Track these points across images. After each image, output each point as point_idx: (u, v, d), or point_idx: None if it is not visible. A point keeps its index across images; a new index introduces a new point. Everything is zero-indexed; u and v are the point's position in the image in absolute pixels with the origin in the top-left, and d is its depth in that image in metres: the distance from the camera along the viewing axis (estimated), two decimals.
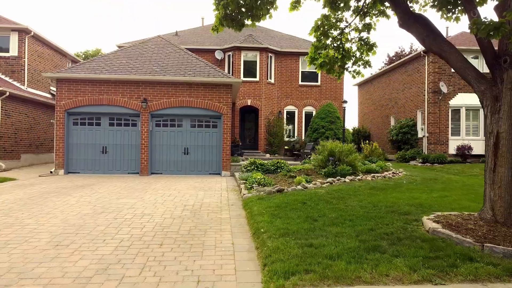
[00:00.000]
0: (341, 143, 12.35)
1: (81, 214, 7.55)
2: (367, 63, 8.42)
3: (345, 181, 10.62)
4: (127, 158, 15.09)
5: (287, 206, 7.67)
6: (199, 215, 7.62)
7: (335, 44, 8.36)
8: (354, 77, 8.66)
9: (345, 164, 11.62)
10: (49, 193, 9.99)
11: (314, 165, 12.74)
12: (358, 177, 11.17)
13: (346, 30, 8.26)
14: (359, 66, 8.48)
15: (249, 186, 9.94)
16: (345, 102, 18.94)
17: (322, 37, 8.13)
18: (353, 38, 8.32)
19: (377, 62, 55.52)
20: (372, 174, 11.65)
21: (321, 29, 8.00)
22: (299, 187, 9.59)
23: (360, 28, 8.17)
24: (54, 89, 17.21)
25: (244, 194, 9.29)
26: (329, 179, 10.58)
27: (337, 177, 10.84)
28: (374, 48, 8.11)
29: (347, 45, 8.38)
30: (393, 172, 12.63)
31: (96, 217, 7.26)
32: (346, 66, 8.53)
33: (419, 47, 36.69)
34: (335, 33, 8.26)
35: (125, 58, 15.88)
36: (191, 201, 9.13)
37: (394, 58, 40.34)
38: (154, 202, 8.93)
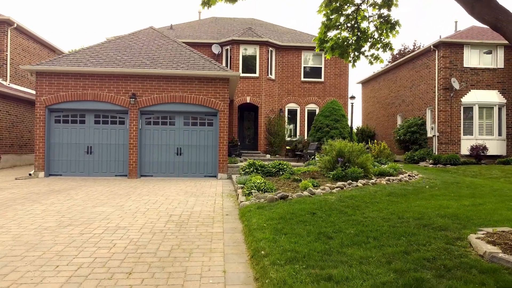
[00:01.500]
0: (351, 143, 10.94)
1: (42, 227, 6.13)
2: (387, 46, 7.03)
3: (357, 186, 9.21)
4: (114, 159, 13.67)
5: (293, 217, 6.26)
6: (185, 228, 6.21)
7: (349, 24, 6.95)
8: (371, 63, 7.27)
9: (356, 166, 10.21)
10: (15, 199, 8.57)
11: (320, 167, 11.34)
12: (372, 180, 9.76)
13: (363, 7, 6.86)
14: (377, 49, 7.09)
15: (247, 192, 8.53)
16: (353, 97, 17.48)
17: (333, 15, 6.73)
18: (370, 16, 6.92)
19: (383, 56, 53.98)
20: (387, 178, 10.24)
21: (333, 4, 6.59)
22: (305, 193, 8.19)
23: (379, 3, 6.77)
24: None
25: (241, 202, 7.88)
26: (339, 183, 9.17)
27: (348, 181, 9.43)
28: (397, 27, 6.71)
29: (364, 24, 6.98)
30: (409, 175, 11.22)
31: (58, 232, 5.85)
32: (362, 49, 7.13)
33: (423, 43, 35.21)
34: (350, 10, 6.85)
35: (112, 50, 14.47)
36: (179, 209, 7.72)
37: (397, 56, 38.95)
38: (135, 211, 7.52)
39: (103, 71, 13.26)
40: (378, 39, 7.01)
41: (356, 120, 60.25)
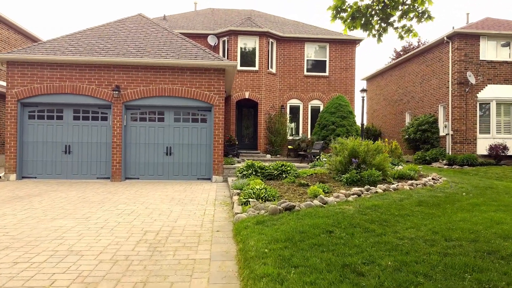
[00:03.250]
0: (366, 141, 9.33)
1: None
2: (423, 15, 5.40)
3: (377, 192, 7.60)
4: (96, 160, 12.04)
5: (303, 238, 4.64)
6: (160, 253, 4.60)
7: None
8: (401, 37, 5.65)
9: (373, 167, 8.59)
10: None
11: (330, 169, 9.74)
12: (393, 185, 8.14)
13: None
14: (410, 19, 5.46)
15: (244, 200, 6.91)
16: (364, 90, 15.77)
17: None
18: None
19: (384, 57, 52.17)
20: (410, 182, 8.61)
21: None
22: (315, 201, 6.57)
23: None
24: None
25: (236, 213, 6.26)
26: (355, 189, 7.55)
27: (365, 186, 7.81)
28: None
29: None
30: (432, 178, 9.60)
31: None
32: (391, 19, 5.50)
33: (428, 40, 33.38)
34: None
35: (95, 37, 12.84)
36: (158, 223, 6.10)
37: (401, 53, 37.36)
38: (102, 225, 5.90)
39: (83, 60, 11.64)
40: (411, 5, 5.39)
41: (360, 119, 58.39)
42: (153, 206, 7.55)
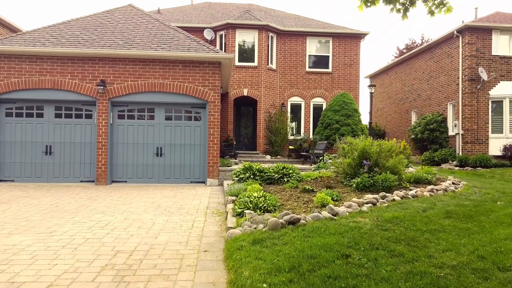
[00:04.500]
0: (378, 141, 8.25)
1: None
2: None
3: (394, 200, 6.51)
4: (80, 162, 10.95)
5: (313, 267, 3.55)
6: (128, 285, 3.50)
7: None
8: (432, 13, 4.57)
9: (387, 171, 7.50)
10: None
11: (336, 172, 8.66)
12: (411, 191, 7.05)
13: None
14: None
15: (239, 210, 5.82)
16: (373, 86, 14.61)
17: None
18: None
19: (387, 55, 50.90)
20: (429, 187, 7.51)
21: None
22: (324, 212, 5.48)
23: None
24: None
25: (229, 228, 5.17)
26: (369, 196, 6.47)
27: (380, 193, 6.72)
28: None
29: None
30: (452, 183, 8.51)
31: None
32: None
33: (431, 37, 31.97)
34: None
35: (80, 28, 11.75)
36: (135, 240, 5.01)
37: (404, 50, 36.30)
38: (66, 242, 4.81)
39: (65, 52, 10.55)
40: None
41: (363, 118, 57.25)
42: (134, 216, 6.45)
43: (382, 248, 4.08)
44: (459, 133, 16.67)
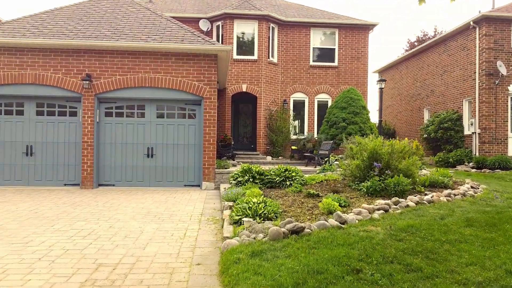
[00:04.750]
0: (390, 140, 8.04)
1: None
2: None
3: (408, 206, 6.30)
4: (64, 163, 10.74)
5: (321, 284, 3.34)
6: None
7: None
8: None
9: (400, 173, 7.29)
10: None
11: (343, 175, 8.45)
12: (426, 196, 6.84)
13: None
14: None
15: (236, 218, 5.61)
16: (383, 80, 14.34)
17: None
18: None
19: (397, 49, 50.80)
20: (446, 192, 7.30)
21: None
22: (331, 220, 5.27)
23: None
24: None
25: (226, 237, 4.96)
26: (380, 202, 6.26)
27: (393, 198, 6.51)
28: None
29: None
30: (471, 187, 8.30)
31: None
32: None
33: (444, 29, 31.47)
34: None
35: (64, 18, 11.54)
36: (121, 250, 4.80)
37: (416, 43, 36.09)
38: (42, 255, 4.60)
39: (47, 44, 10.35)
40: None
41: (371, 116, 56.99)
42: (120, 224, 6.24)
43: (397, 262, 3.86)
44: (475, 132, 16.46)
